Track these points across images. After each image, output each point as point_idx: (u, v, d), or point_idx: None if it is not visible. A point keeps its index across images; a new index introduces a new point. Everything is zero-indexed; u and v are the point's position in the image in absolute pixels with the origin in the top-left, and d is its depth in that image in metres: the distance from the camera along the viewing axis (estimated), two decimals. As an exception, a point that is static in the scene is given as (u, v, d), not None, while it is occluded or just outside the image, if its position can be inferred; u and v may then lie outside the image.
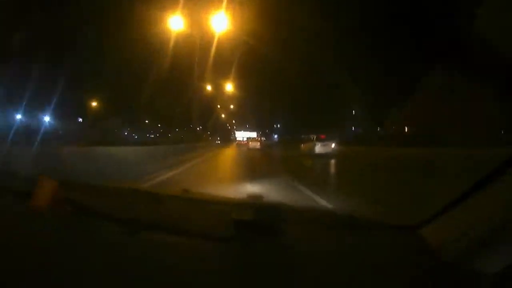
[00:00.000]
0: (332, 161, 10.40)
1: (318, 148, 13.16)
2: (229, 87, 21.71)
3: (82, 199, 0.85)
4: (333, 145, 13.23)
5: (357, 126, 26.25)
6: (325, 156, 12.15)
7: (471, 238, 0.60)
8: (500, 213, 0.58)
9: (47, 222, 0.80)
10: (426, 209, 0.76)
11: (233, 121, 55.49)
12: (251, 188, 4.00)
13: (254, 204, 0.80)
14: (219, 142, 42.95)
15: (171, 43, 11.16)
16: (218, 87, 23.56)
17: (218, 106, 34.62)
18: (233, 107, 40.27)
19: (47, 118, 19.91)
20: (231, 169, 8.75)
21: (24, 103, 14.98)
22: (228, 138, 56.97)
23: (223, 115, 37.49)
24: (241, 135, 55.54)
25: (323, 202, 3.23)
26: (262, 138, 50.53)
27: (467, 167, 3.03)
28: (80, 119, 26.29)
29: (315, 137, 13.96)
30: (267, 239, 0.68)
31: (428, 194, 2.99)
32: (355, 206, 2.91)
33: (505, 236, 0.56)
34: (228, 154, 16.66)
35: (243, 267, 0.64)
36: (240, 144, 38.64)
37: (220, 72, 19.87)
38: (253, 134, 54.04)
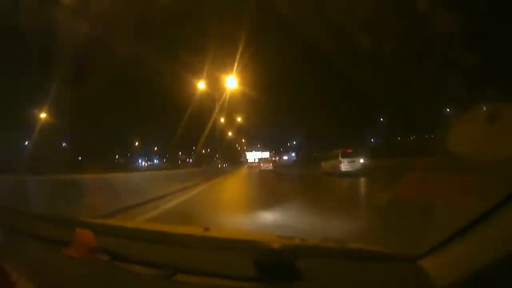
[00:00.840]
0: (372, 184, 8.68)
1: (345, 166, 12.07)
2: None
3: (116, 246, 1.00)
4: (361, 161, 12.20)
5: (376, 135, 25.49)
6: (353, 175, 11.08)
7: (470, 270, 0.67)
8: (502, 247, 0.64)
9: (86, 269, 0.94)
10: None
11: (243, 140, 55.41)
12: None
13: (272, 247, 0.91)
14: (226, 165, 40.15)
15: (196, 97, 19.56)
16: (230, 118, 29.56)
17: (230, 134, 36.10)
18: (243, 126, 40.76)
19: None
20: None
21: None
22: (238, 160, 56.14)
23: (229, 133, 37.52)
24: (253, 156, 53.76)
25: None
26: (275, 158, 49.40)
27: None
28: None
29: (340, 152, 12.70)
30: (286, 276, 0.78)
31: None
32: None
33: (505, 270, 0.62)
34: (234, 180, 15.47)
35: None
36: (251, 166, 38.01)
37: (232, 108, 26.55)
38: (266, 154, 52.13)
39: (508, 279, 0.62)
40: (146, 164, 46.28)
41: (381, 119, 25.61)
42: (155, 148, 45.85)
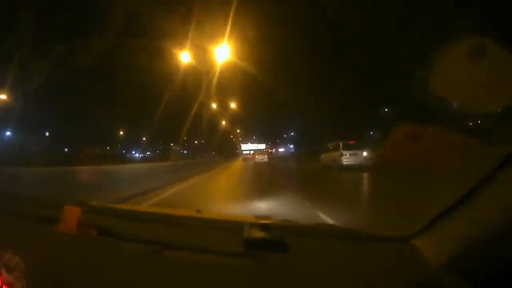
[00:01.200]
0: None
1: (346, 159, 11.57)
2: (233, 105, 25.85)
3: (105, 223, 1.04)
4: (364, 154, 11.52)
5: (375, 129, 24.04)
6: (355, 169, 10.59)
7: (462, 245, 0.72)
8: (490, 223, 0.68)
9: (75, 245, 0.98)
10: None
11: (238, 131, 53.74)
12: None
13: (263, 223, 0.96)
14: (217, 157, 38.45)
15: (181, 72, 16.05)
16: (222, 104, 27.62)
17: (223, 123, 34.77)
18: (239, 118, 39.80)
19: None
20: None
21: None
22: (233, 152, 55.24)
23: (223, 122, 35.97)
24: (248, 148, 53.36)
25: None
26: (272, 150, 47.93)
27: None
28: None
29: (341, 144, 12.16)
30: (275, 255, 0.84)
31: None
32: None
33: (496, 242, 0.66)
34: (229, 173, 15.53)
35: (257, 280, 0.79)
36: (246, 158, 38.35)
37: (224, 90, 24.04)
38: (261, 146, 51.98)
39: (496, 253, 0.67)
40: (139, 155, 44.58)
41: (386, 110, 24.66)
42: (143, 139, 43.51)
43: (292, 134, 47.97)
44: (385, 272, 0.79)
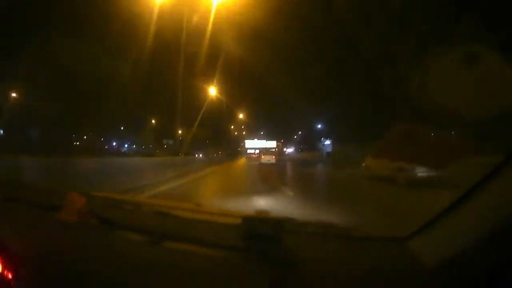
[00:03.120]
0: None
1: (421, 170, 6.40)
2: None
3: (106, 212, 1.07)
4: None
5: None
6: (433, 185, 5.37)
7: (457, 247, 0.73)
8: (487, 220, 0.69)
9: (77, 232, 1.01)
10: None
11: (242, 127, 43.93)
12: None
13: (261, 217, 0.97)
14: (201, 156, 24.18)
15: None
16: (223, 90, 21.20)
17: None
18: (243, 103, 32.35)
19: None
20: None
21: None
22: (235, 151, 43.87)
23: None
24: (254, 145, 43.72)
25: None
26: (286, 150, 39.22)
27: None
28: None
29: None
30: (272, 247, 0.85)
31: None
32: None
33: (491, 243, 0.66)
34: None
35: (252, 272, 0.81)
36: (251, 158, 32.27)
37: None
38: (272, 144, 42.07)
39: (491, 255, 0.67)
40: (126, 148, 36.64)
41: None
42: (121, 128, 34.21)
43: (320, 126, 33.56)
44: (380, 272, 0.80)
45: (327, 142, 29.17)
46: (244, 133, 45.62)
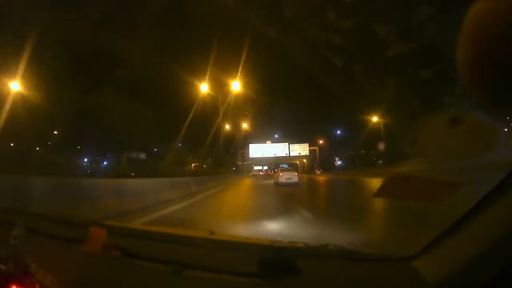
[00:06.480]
0: None
1: None
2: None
3: (127, 243, 1.13)
4: None
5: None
6: None
7: (463, 266, 0.73)
8: (493, 239, 0.70)
9: (102, 265, 1.07)
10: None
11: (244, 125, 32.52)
12: None
13: (275, 245, 1.03)
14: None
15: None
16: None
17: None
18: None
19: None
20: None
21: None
22: (236, 168, 32.83)
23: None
24: (260, 151, 29.01)
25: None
26: (337, 161, 24.51)
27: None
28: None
29: None
30: (287, 275, 0.90)
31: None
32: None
33: (497, 263, 0.67)
34: None
35: None
36: (256, 176, 22.78)
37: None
38: (302, 149, 26.73)
39: (498, 276, 0.68)
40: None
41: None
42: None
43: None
44: None
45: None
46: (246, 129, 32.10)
